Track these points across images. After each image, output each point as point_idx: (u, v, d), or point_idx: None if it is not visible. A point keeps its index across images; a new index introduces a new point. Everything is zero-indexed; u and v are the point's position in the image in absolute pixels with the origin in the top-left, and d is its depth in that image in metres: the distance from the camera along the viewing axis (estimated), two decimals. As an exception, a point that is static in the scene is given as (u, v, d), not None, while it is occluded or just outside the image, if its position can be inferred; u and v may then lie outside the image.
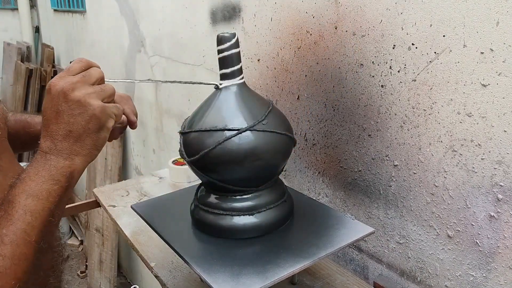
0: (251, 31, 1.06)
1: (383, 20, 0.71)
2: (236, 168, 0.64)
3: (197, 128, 0.66)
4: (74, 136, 0.51)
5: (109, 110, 0.54)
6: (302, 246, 0.64)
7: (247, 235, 0.67)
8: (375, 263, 0.83)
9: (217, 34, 0.67)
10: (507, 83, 0.57)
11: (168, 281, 0.77)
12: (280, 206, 0.70)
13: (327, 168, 0.90)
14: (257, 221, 0.67)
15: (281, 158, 0.69)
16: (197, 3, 1.32)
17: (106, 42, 2.27)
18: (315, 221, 0.71)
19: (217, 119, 0.65)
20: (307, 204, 0.78)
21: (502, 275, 0.62)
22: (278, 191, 0.71)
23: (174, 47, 1.55)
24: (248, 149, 0.63)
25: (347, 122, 0.82)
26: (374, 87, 0.75)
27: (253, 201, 0.68)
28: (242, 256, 0.63)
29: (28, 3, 3.64)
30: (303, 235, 0.68)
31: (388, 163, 0.76)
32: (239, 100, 0.67)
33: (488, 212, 0.62)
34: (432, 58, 0.65)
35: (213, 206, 0.68)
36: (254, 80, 1.08)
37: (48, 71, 3.21)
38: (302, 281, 0.76)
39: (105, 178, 2.44)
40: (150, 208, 0.78)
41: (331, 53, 0.83)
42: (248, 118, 0.65)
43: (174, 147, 1.72)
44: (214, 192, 0.70)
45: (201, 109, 0.70)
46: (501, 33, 0.56)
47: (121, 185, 1.16)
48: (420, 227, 0.72)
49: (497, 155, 0.59)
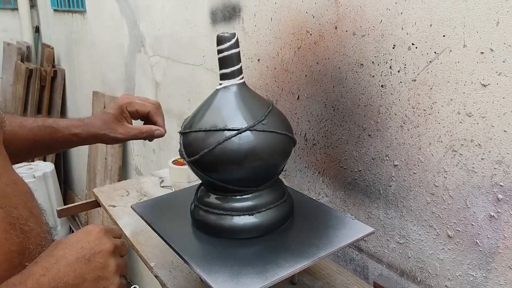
0: (251, 31, 1.06)
1: (383, 20, 0.71)
2: (236, 168, 0.64)
3: (197, 128, 0.66)
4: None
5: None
6: (302, 246, 0.64)
7: (247, 235, 0.67)
8: (375, 263, 0.83)
9: (217, 34, 0.67)
10: (507, 83, 0.57)
11: (168, 281, 0.77)
12: (280, 206, 0.70)
13: (327, 168, 0.90)
14: (257, 221, 0.67)
15: (281, 158, 0.69)
16: (197, 3, 1.32)
17: (106, 42, 2.27)
18: (315, 221, 0.71)
19: (217, 119, 0.65)
20: (307, 204, 0.78)
21: (502, 275, 0.62)
22: (278, 191, 0.71)
23: (174, 47, 1.54)
24: (248, 149, 0.63)
25: (347, 122, 0.82)
26: (374, 87, 0.75)
27: (253, 201, 0.68)
28: (242, 256, 0.63)
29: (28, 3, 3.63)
30: (303, 235, 0.68)
31: (388, 163, 0.76)
32: (239, 100, 0.67)
33: (488, 212, 0.62)
34: (432, 58, 0.65)
35: (213, 206, 0.68)
36: (254, 80, 1.08)
37: (48, 71, 3.21)
38: (302, 281, 0.76)
39: (105, 178, 2.44)
40: (150, 208, 0.78)
41: (331, 53, 0.83)
42: (248, 118, 0.65)
43: (174, 147, 1.72)
44: (214, 192, 0.70)
45: (201, 109, 0.70)
46: (501, 33, 0.56)
47: (121, 185, 1.16)
48: (420, 227, 0.72)
49: (497, 155, 0.59)
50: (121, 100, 0.79)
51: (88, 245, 0.51)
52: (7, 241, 0.48)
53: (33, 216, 0.54)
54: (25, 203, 0.54)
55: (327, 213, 0.74)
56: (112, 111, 0.78)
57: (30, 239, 0.51)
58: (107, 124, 0.77)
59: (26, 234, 0.51)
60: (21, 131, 0.75)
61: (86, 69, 2.69)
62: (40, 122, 0.77)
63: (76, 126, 0.77)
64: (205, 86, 1.40)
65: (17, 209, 0.52)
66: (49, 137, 0.77)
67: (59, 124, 0.77)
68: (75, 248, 0.50)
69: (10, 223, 0.49)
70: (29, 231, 0.51)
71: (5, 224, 0.49)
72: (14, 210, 0.51)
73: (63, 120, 0.78)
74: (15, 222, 0.50)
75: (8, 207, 0.50)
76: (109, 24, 2.17)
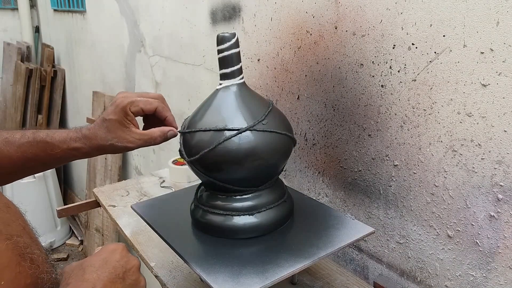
0: (251, 31, 1.06)
1: (383, 20, 0.71)
2: (236, 168, 0.64)
3: (197, 128, 0.66)
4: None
5: None
6: (302, 246, 0.64)
7: (247, 235, 0.67)
8: (375, 263, 0.83)
9: (217, 34, 0.67)
10: (507, 83, 0.57)
11: (168, 281, 0.77)
12: (280, 206, 0.70)
13: (327, 168, 0.90)
14: (257, 221, 0.67)
15: (281, 158, 0.69)
16: (197, 3, 1.32)
17: (106, 42, 2.27)
18: (315, 221, 0.71)
19: (217, 119, 0.65)
20: (307, 204, 0.78)
21: (502, 275, 0.62)
22: (278, 191, 0.71)
23: (174, 47, 1.54)
24: (248, 149, 0.63)
25: (347, 122, 0.82)
26: (374, 87, 0.75)
27: (253, 201, 0.68)
28: (242, 256, 0.63)
29: (28, 3, 3.63)
30: (303, 235, 0.68)
31: (388, 163, 0.76)
32: (239, 100, 0.67)
33: (488, 212, 0.62)
34: (432, 58, 0.65)
35: (213, 206, 0.68)
36: (254, 80, 1.08)
37: (48, 71, 3.21)
38: (302, 281, 0.76)
39: (105, 178, 2.44)
40: (150, 208, 0.78)
41: (331, 53, 0.83)
42: (248, 118, 0.65)
43: (174, 147, 1.72)
44: (214, 192, 0.70)
45: (201, 109, 0.70)
46: (501, 33, 0.56)
47: (121, 185, 1.16)
48: (420, 227, 0.72)
49: (497, 155, 0.59)
50: (121, 101, 0.67)
51: (118, 264, 0.51)
52: (21, 274, 0.45)
53: (34, 242, 0.50)
54: (24, 228, 0.50)
55: (327, 213, 0.74)
56: (114, 116, 0.66)
57: (40, 268, 0.48)
58: (112, 132, 0.66)
59: (35, 263, 0.47)
60: (7, 148, 0.66)
61: (86, 69, 2.69)
62: (30, 137, 0.67)
63: (75, 139, 0.67)
64: (205, 86, 1.39)
65: (22, 238, 0.47)
66: (43, 153, 0.67)
67: (54, 138, 0.67)
68: (107, 269, 0.50)
69: (20, 254, 0.45)
70: (37, 259, 0.48)
71: (16, 257, 0.45)
72: (20, 240, 0.47)
73: (58, 132, 0.68)
74: (24, 252, 0.46)
75: (15, 237, 0.46)
76: (109, 24, 2.17)
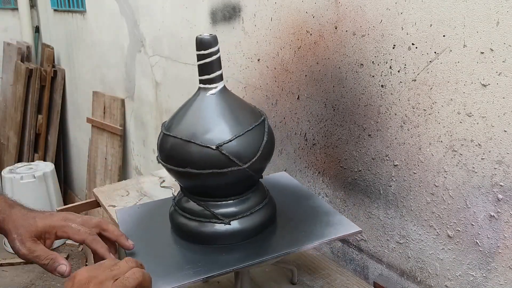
0: (251, 31, 1.06)
1: (383, 20, 0.71)
2: (216, 177, 0.63)
3: (176, 134, 0.64)
4: None
5: None
6: (284, 244, 0.65)
7: (229, 242, 0.66)
8: (375, 263, 0.83)
9: (196, 37, 0.64)
10: (507, 83, 0.57)
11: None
12: (262, 210, 0.68)
13: (327, 168, 0.90)
14: (240, 227, 0.66)
15: (263, 164, 0.67)
16: (197, 3, 1.32)
17: (106, 42, 2.27)
18: (299, 222, 0.70)
19: (197, 127, 0.64)
20: (292, 203, 0.76)
21: (502, 275, 0.62)
22: (260, 195, 0.70)
23: (174, 47, 1.55)
24: (229, 158, 0.62)
25: (347, 122, 0.82)
26: (374, 87, 0.75)
27: (236, 207, 0.66)
28: (224, 262, 0.62)
29: (28, 3, 3.63)
30: (287, 236, 0.67)
31: (388, 163, 0.76)
32: (220, 108, 0.65)
33: (488, 212, 0.62)
34: (432, 58, 0.65)
35: (194, 213, 0.67)
36: (254, 80, 1.08)
37: (48, 71, 3.21)
38: (302, 281, 0.76)
39: (105, 178, 2.44)
40: (134, 214, 0.76)
41: (331, 53, 0.83)
42: (230, 127, 0.63)
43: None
44: (193, 198, 0.68)
45: (181, 112, 0.68)
46: (501, 33, 0.56)
47: (121, 185, 1.16)
48: (420, 227, 0.72)
49: (497, 155, 0.59)
50: (55, 221, 0.66)
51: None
52: None
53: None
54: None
55: (313, 212, 0.73)
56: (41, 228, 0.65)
57: None
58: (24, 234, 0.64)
59: None
60: None
61: (86, 69, 2.69)
62: None
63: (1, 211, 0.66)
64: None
65: None
66: None
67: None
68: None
69: None
70: None
71: None
72: None
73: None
74: None
75: None
76: (109, 24, 2.17)
